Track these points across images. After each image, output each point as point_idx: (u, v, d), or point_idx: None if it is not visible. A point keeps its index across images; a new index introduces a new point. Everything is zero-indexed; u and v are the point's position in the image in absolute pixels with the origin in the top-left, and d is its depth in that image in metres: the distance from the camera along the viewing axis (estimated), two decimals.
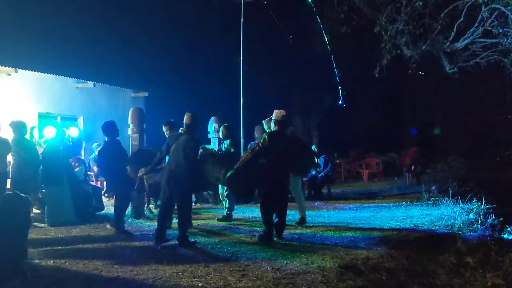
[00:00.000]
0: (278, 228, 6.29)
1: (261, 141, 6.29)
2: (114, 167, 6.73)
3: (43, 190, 7.65)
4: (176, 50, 14.59)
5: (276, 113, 6.39)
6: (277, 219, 6.28)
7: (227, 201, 8.03)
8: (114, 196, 7.56)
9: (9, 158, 7.44)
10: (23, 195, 4.50)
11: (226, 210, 8.01)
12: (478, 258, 5.59)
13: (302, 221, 7.34)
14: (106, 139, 6.87)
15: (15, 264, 4.18)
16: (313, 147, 11.54)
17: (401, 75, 16.12)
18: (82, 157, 9.94)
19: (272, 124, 6.45)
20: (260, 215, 6.40)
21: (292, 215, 7.63)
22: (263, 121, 7.15)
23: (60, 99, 11.14)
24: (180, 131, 6.32)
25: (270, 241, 6.08)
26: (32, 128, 8.91)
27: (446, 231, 6.82)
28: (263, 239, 6.13)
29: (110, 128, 6.85)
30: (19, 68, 9.67)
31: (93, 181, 9.81)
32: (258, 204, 10.08)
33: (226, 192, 7.99)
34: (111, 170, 6.88)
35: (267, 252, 5.54)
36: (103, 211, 8.30)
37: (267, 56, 16.22)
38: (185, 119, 6.18)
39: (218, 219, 7.87)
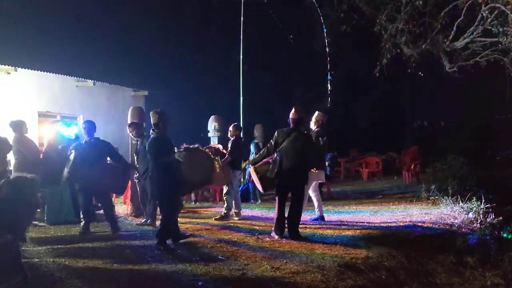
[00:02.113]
0: (288, 224, 6.35)
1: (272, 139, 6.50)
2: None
3: (43, 189, 7.65)
4: (176, 49, 14.60)
5: (291, 112, 6.55)
6: (288, 214, 6.38)
7: (226, 198, 8.05)
8: None
9: (11, 157, 7.44)
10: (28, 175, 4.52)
11: (225, 208, 8.03)
12: (477, 257, 5.60)
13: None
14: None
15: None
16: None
17: (401, 74, 16.12)
18: None
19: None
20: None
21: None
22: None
23: (59, 98, 11.14)
24: (151, 132, 6.06)
25: (280, 233, 6.24)
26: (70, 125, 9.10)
27: (445, 230, 6.82)
28: (273, 230, 6.34)
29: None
30: (18, 67, 9.67)
31: None
32: (258, 203, 10.19)
33: (225, 191, 8.03)
34: None
35: (267, 251, 5.54)
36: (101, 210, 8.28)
37: (267, 54, 16.23)
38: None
39: (216, 219, 7.88)
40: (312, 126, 7.71)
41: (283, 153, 6.29)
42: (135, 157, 7.55)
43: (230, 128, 8.45)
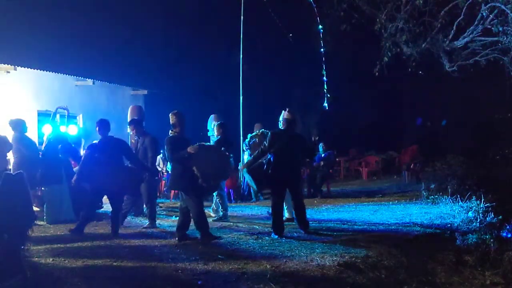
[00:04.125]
0: (298, 218, 6.55)
1: (266, 139, 6.57)
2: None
3: (43, 188, 7.65)
4: (176, 47, 14.59)
5: (284, 113, 6.69)
6: (295, 210, 6.58)
7: (219, 200, 8.03)
8: None
9: (10, 156, 7.44)
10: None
11: (221, 210, 8.00)
12: (477, 256, 5.59)
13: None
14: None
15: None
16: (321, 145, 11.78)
17: (400, 73, 16.11)
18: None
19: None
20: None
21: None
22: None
23: (59, 97, 11.12)
24: (170, 132, 6.16)
25: (280, 232, 6.29)
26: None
27: (445, 229, 6.82)
28: (272, 230, 6.38)
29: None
30: (18, 66, 9.66)
31: None
32: (258, 202, 10.20)
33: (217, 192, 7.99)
34: None
35: (266, 250, 5.54)
36: (101, 209, 8.28)
37: (267, 53, 16.22)
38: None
39: (214, 220, 7.87)
40: (281, 126, 7.71)
41: (278, 153, 6.40)
42: None
43: (215, 128, 8.46)
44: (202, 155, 5.99)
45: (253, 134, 7.73)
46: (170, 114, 6.15)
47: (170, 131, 6.15)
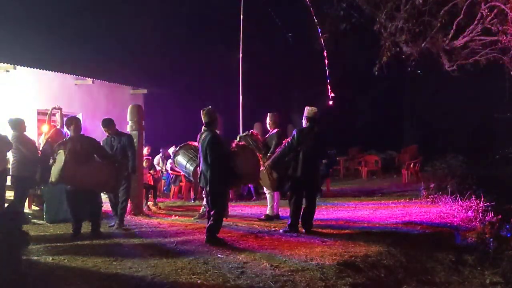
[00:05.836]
0: (307, 219, 6.58)
1: (291, 137, 6.62)
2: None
3: (42, 187, 7.65)
4: (175, 47, 14.60)
5: (307, 110, 6.73)
6: (305, 210, 6.60)
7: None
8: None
9: (9, 155, 7.43)
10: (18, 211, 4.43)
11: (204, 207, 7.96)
12: (476, 256, 5.61)
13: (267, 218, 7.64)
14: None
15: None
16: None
17: (400, 73, 16.10)
18: None
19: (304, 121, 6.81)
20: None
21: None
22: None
23: (59, 96, 11.14)
24: (203, 129, 6.06)
25: (296, 231, 6.47)
26: None
27: (444, 228, 6.82)
28: (289, 229, 6.52)
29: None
30: (17, 65, 9.67)
31: None
32: (258, 202, 10.20)
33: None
34: None
35: (266, 249, 5.54)
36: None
37: (267, 52, 16.22)
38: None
39: (195, 219, 7.87)
40: (269, 127, 7.74)
41: (304, 151, 6.46)
42: None
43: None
44: (242, 154, 6.19)
45: (243, 135, 7.70)
46: (203, 111, 6.01)
47: (204, 128, 5.98)
